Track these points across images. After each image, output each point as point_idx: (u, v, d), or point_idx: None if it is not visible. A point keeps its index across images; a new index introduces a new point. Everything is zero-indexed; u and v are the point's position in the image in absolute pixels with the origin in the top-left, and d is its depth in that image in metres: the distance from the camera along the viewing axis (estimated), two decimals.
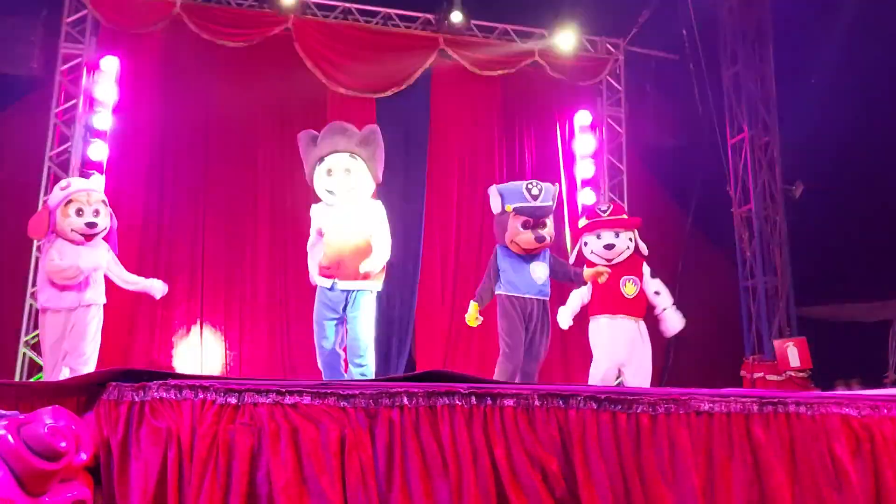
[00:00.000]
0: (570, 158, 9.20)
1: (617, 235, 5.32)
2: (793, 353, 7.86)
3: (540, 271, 4.82)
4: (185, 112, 8.13)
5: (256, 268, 8.04)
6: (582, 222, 5.75)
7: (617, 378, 5.50)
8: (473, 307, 5.00)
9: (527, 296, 4.79)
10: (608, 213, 5.55)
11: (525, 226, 4.74)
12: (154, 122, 8.00)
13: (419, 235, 8.46)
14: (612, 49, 9.33)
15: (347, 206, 4.65)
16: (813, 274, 8.79)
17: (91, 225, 4.56)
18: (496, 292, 4.91)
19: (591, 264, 5.27)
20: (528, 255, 4.82)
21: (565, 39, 8.97)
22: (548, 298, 4.89)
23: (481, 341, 8.52)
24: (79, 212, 4.54)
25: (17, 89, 7.83)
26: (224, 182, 8.09)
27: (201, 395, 2.48)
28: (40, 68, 7.77)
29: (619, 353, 5.24)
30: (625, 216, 5.62)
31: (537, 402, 2.72)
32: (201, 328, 7.72)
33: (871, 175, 8.44)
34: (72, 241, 4.54)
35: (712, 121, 8.62)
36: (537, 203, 4.78)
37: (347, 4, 8.53)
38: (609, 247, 5.30)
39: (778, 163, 9.08)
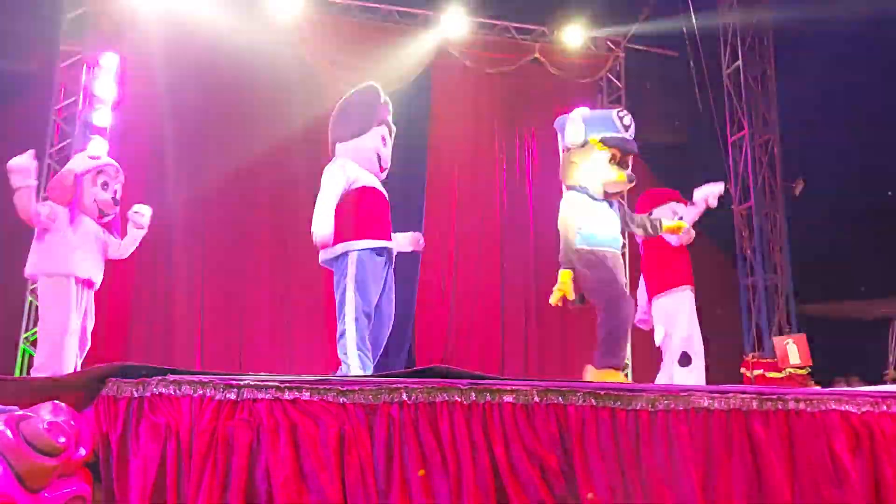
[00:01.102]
0: None
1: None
2: (793, 350, 7.87)
3: (615, 220, 4.13)
4: (185, 108, 8.12)
5: (257, 263, 8.05)
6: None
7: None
8: (566, 275, 3.92)
9: (609, 249, 4.00)
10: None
11: (612, 161, 4.05)
12: (154, 118, 7.99)
13: (419, 231, 8.44)
14: (613, 46, 9.33)
15: (378, 179, 4.23)
16: (813, 271, 8.80)
17: (116, 203, 4.32)
18: (577, 247, 3.98)
19: (662, 241, 5.12)
20: (606, 200, 4.11)
21: (566, 36, 8.97)
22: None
23: (481, 337, 8.54)
24: (104, 185, 4.31)
25: (16, 86, 7.82)
26: (224, 177, 8.08)
27: (200, 391, 2.48)
28: (40, 65, 7.77)
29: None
30: None
31: (536, 399, 2.71)
32: (201, 324, 7.72)
33: (871, 172, 8.44)
34: (88, 215, 4.28)
35: (712, 118, 8.62)
36: (628, 136, 4.12)
37: (348, 0, 8.53)
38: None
39: (778, 160, 9.09)
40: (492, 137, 9.05)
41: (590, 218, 4.04)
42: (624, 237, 4.50)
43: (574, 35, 8.99)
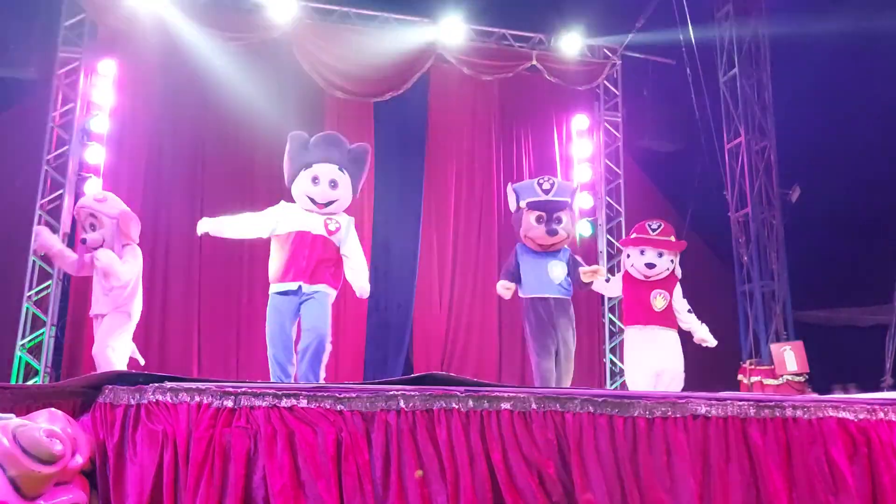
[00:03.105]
0: (567, 162, 9.22)
1: (660, 255, 5.25)
2: (790, 357, 7.87)
3: (558, 269, 4.81)
4: (183, 115, 8.12)
5: (253, 271, 8.02)
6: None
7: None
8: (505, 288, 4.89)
9: (547, 295, 4.77)
10: (658, 232, 5.37)
11: (539, 220, 4.80)
12: (151, 125, 7.99)
13: (417, 239, 8.46)
14: (610, 53, 9.36)
15: (322, 217, 4.60)
16: (810, 278, 8.81)
17: (83, 241, 4.82)
18: (520, 295, 4.88)
19: (629, 276, 5.31)
20: (546, 253, 4.83)
21: (563, 44, 9.00)
22: (569, 297, 4.88)
23: (479, 344, 8.53)
24: (83, 229, 4.82)
25: (14, 93, 7.83)
26: (221, 185, 8.08)
27: (197, 399, 2.48)
28: (38, 72, 7.76)
29: (652, 361, 5.17)
30: (672, 238, 5.44)
31: (534, 406, 2.71)
32: (198, 331, 7.71)
33: (867, 178, 8.46)
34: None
35: (709, 125, 8.64)
36: (549, 197, 4.86)
37: (345, 8, 8.54)
38: (650, 265, 5.22)
39: (774, 167, 9.11)
40: (489, 144, 9.05)
41: (528, 268, 4.85)
42: None
43: (571, 43, 9.01)
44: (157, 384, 2.49)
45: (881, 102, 8.05)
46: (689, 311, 5.34)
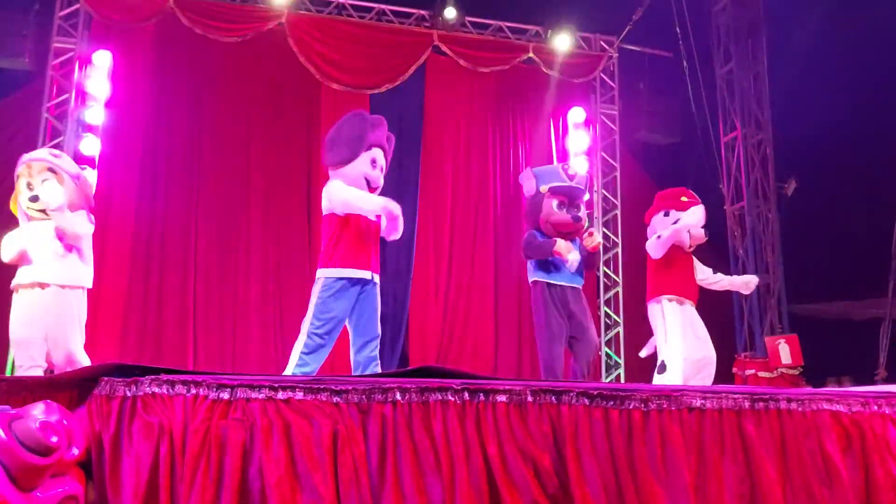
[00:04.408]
0: (563, 155, 9.22)
1: None
2: (784, 350, 7.90)
3: (573, 257, 4.63)
4: (178, 107, 8.11)
5: (249, 263, 8.03)
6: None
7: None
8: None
9: (563, 283, 4.63)
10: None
11: (560, 206, 4.69)
12: (146, 116, 7.98)
13: (413, 231, 8.46)
14: (606, 46, 9.35)
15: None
16: (805, 271, 8.84)
17: (33, 199, 3.95)
18: (531, 279, 4.73)
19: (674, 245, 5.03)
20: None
21: (559, 36, 8.99)
22: (581, 286, 4.76)
23: (474, 337, 8.55)
24: (28, 185, 4.01)
25: (8, 84, 7.81)
26: (217, 177, 8.08)
27: (193, 391, 2.47)
28: (32, 63, 7.74)
29: (703, 349, 4.94)
30: None
31: (530, 398, 2.72)
32: (194, 323, 7.70)
33: (862, 172, 8.48)
34: (32, 219, 4.01)
35: (705, 118, 8.64)
36: (573, 183, 4.78)
37: (341, 0, 8.53)
38: (707, 231, 5.12)
39: (770, 160, 9.13)
40: (485, 137, 9.06)
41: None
42: None
43: (567, 35, 9.01)
44: (152, 376, 2.49)
45: (877, 96, 8.07)
46: (713, 271, 5.20)
